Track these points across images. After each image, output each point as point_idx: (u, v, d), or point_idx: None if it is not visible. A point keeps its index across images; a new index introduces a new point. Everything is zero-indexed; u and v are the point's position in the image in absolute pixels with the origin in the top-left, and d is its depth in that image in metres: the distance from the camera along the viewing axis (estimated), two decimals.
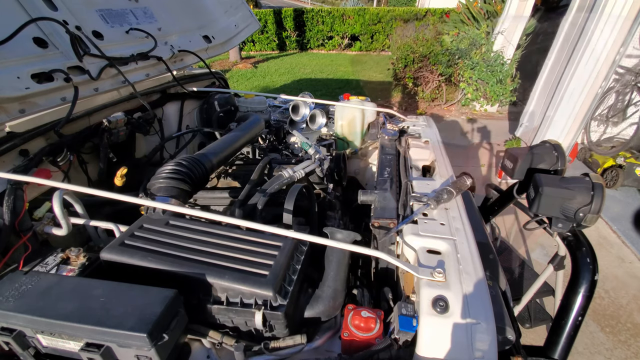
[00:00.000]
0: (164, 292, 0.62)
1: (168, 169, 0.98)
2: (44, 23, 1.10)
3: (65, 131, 1.13)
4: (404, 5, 14.72)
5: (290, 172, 1.16)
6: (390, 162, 1.26)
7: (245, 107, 1.91)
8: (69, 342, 0.59)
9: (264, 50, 10.45)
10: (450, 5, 8.08)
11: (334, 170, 1.43)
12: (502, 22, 5.28)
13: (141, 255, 0.73)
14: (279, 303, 0.69)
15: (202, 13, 1.84)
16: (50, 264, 0.82)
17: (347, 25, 10.08)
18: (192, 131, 1.65)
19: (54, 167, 1.10)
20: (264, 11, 10.42)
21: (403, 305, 0.71)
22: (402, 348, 0.68)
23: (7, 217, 0.83)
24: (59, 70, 1.10)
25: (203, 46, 1.77)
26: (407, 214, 0.92)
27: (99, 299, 0.61)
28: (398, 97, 6.46)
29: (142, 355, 0.58)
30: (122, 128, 1.31)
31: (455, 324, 0.64)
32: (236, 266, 0.72)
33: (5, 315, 0.60)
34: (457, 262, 0.75)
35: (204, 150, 1.18)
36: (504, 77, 5.05)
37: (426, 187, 1.05)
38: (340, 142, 1.79)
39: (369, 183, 1.85)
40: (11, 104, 0.99)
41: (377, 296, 0.96)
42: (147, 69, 1.48)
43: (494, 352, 0.62)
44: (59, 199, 0.84)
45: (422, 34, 5.87)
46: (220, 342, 0.70)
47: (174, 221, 0.85)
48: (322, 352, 0.74)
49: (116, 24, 1.39)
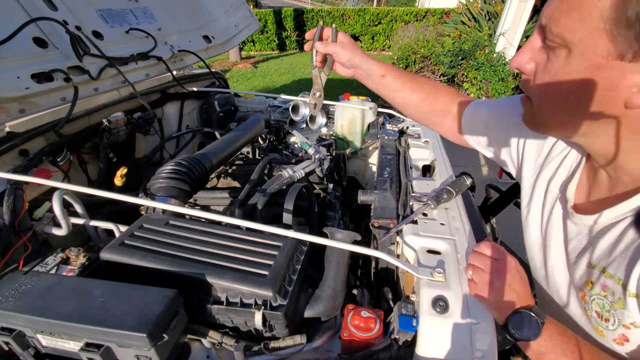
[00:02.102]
0: (164, 292, 0.62)
1: (168, 169, 0.98)
2: (44, 23, 1.10)
3: (65, 131, 1.13)
4: (403, 5, 14.71)
5: (290, 172, 1.16)
6: (390, 162, 1.26)
7: (245, 107, 1.91)
8: (68, 342, 0.59)
9: (264, 50, 10.45)
10: (451, 5, 8.09)
11: (334, 170, 1.43)
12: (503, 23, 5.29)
13: (141, 255, 0.73)
14: (279, 303, 0.69)
15: (202, 13, 1.84)
16: (50, 264, 0.82)
17: (348, 26, 10.08)
18: (192, 131, 1.65)
19: (54, 167, 1.10)
20: (264, 11, 10.42)
21: (403, 305, 0.71)
22: (402, 348, 0.68)
23: (7, 217, 0.83)
24: (59, 70, 1.10)
25: (203, 46, 1.77)
26: (407, 213, 0.92)
27: (98, 299, 0.61)
28: None
29: (142, 355, 0.58)
30: (122, 128, 1.31)
31: (455, 324, 0.64)
32: (236, 266, 0.72)
33: (5, 315, 0.59)
34: (457, 262, 0.75)
35: (204, 150, 1.18)
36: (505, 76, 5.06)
37: (426, 187, 1.05)
38: (340, 142, 1.79)
39: (369, 183, 1.85)
40: (11, 104, 0.99)
41: (377, 296, 0.96)
42: (147, 69, 1.48)
43: (494, 352, 0.62)
44: (59, 199, 0.84)
45: (423, 34, 5.88)
46: (220, 342, 0.70)
47: (173, 221, 0.85)
48: (322, 352, 0.74)
49: (116, 24, 1.39)
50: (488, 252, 0.67)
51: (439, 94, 0.94)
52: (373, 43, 10.30)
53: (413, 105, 0.94)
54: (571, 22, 0.50)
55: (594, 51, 0.49)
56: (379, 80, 0.91)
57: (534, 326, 0.59)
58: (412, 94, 0.93)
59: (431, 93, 0.93)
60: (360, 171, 1.88)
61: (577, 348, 0.58)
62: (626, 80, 0.48)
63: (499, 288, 0.63)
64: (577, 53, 0.50)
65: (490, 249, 0.67)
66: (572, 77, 0.52)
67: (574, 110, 0.55)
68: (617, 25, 0.46)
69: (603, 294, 0.60)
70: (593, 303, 0.63)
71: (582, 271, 0.65)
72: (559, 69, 0.53)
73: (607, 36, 0.47)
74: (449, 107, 0.94)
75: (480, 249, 0.68)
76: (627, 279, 0.55)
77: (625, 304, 0.56)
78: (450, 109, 0.94)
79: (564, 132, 0.62)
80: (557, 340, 0.59)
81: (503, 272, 0.64)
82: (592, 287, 0.62)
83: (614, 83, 0.49)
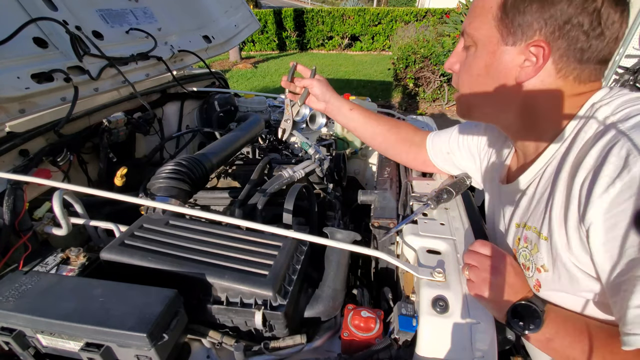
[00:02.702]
0: (164, 292, 0.62)
1: (168, 169, 0.98)
2: (44, 23, 1.10)
3: (65, 131, 1.13)
4: (403, 5, 14.71)
5: (290, 172, 1.16)
6: (390, 162, 1.26)
7: (245, 107, 1.91)
8: (69, 342, 0.59)
9: (264, 50, 10.45)
10: (451, 5, 8.08)
11: (334, 170, 1.43)
12: None
13: (141, 255, 0.73)
14: (279, 303, 0.69)
15: (202, 13, 1.84)
16: (50, 264, 0.82)
17: (347, 26, 10.08)
18: (192, 131, 1.65)
19: (54, 167, 1.10)
20: (264, 11, 10.42)
21: (403, 305, 0.71)
22: (402, 348, 0.68)
23: (7, 217, 0.83)
24: (59, 70, 1.10)
25: (203, 46, 1.77)
26: (407, 213, 0.92)
27: (98, 299, 0.61)
28: (398, 98, 6.46)
29: (142, 355, 0.58)
30: (122, 128, 1.31)
31: (455, 324, 0.64)
32: (236, 266, 0.72)
33: (5, 315, 0.59)
34: (457, 262, 0.75)
35: (204, 150, 1.18)
36: None
37: (426, 187, 1.06)
38: (340, 142, 1.79)
39: (369, 183, 1.85)
40: (11, 104, 0.99)
41: (377, 296, 0.96)
42: (147, 69, 1.48)
43: (494, 352, 0.62)
44: (59, 199, 0.84)
45: (423, 34, 5.87)
46: (220, 342, 0.70)
47: (173, 221, 0.85)
48: (322, 352, 0.74)
49: (116, 24, 1.39)
50: (483, 250, 0.68)
51: (401, 126, 1.09)
52: (373, 43, 10.30)
53: (381, 135, 1.07)
54: (476, 23, 0.66)
55: (490, 42, 0.64)
56: (348, 114, 1.04)
57: (535, 316, 0.60)
58: (377, 125, 1.06)
59: (394, 125, 1.08)
60: (360, 171, 1.88)
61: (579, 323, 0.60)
62: (513, 60, 0.62)
63: (496, 285, 0.64)
64: (481, 46, 0.66)
65: (485, 247, 0.69)
66: (479, 65, 0.67)
67: (485, 91, 0.68)
68: (501, 18, 0.61)
69: (525, 245, 0.70)
70: (520, 256, 0.71)
71: (513, 232, 0.75)
72: (472, 62, 0.69)
73: (496, 28, 0.62)
74: (411, 137, 1.07)
75: (475, 247, 0.70)
76: (540, 226, 0.65)
77: (538, 248, 0.65)
78: (414, 140, 1.07)
79: (483, 113, 0.76)
80: (559, 323, 0.61)
81: (499, 269, 0.65)
82: (519, 242, 0.72)
83: (506, 65, 0.63)
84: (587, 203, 0.53)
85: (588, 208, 0.52)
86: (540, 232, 0.65)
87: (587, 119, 0.59)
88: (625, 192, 0.48)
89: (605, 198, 0.50)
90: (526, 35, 0.60)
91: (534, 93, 0.63)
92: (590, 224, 0.52)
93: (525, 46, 0.60)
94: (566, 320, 0.62)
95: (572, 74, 0.60)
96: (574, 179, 0.56)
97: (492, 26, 0.63)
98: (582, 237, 0.55)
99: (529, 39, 0.60)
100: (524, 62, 0.61)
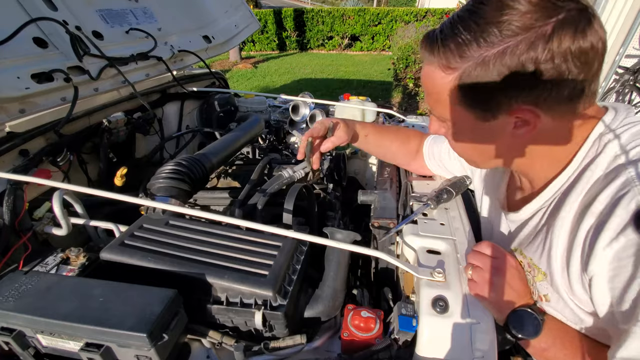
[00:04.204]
0: (164, 292, 0.62)
1: (168, 169, 0.98)
2: (44, 23, 1.10)
3: (65, 131, 1.13)
4: (403, 5, 14.71)
5: (290, 172, 1.16)
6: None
7: (245, 107, 1.91)
8: (68, 342, 0.59)
9: (264, 50, 10.45)
10: (450, 5, 8.08)
11: (334, 170, 1.43)
12: None
13: (141, 255, 0.73)
14: (279, 303, 0.69)
15: (202, 13, 1.84)
16: (50, 264, 0.82)
17: (347, 26, 10.07)
18: (192, 131, 1.65)
19: (54, 167, 1.10)
20: (264, 11, 10.42)
21: (403, 305, 0.71)
22: (402, 348, 0.68)
23: (7, 217, 0.83)
24: (59, 70, 1.10)
25: (203, 46, 1.77)
26: (407, 213, 0.92)
27: (98, 299, 0.61)
28: (398, 98, 6.45)
29: (142, 355, 0.58)
30: (122, 128, 1.31)
31: (455, 324, 0.64)
32: (236, 266, 0.72)
33: (5, 315, 0.60)
34: (457, 262, 0.75)
35: (204, 150, 1.18)
36: None
37: (426, 187, 1.05)
38: None
39: (369, 183, 1.85)
40: (11, 104, 0.99)
41: (377, 296, 0.96)
42: (147, 69, 1.48)
43: (494, 352, 0.62)
44: (59, 199, 0.84)
45: (423, 34, 5.87)
46: (220, 342, 0.70)
47: (173, 221, 0.85)
48: (322, 352, 0.74)
49: (116, 24, 1.39)
50: (487, 251, 0.68)
51: (410, 138, 1.11)
52: (373, 43, 10.29)
53: (391, 153, 1.13)
54: (439, 109, 0.63)
55: (465, 121, 0.61)
56: (363, 140, 1.08)
57: (534, 324, 0.60)
58: (390, 144, 1.10)
59: (405, 139, 1.11)
60: (360, 171, 1.88)
61: (576, 340, 0.61)
62: (503, 128, 0.58)
63: (498, 287, 0.64)
64: (458, 126, 0.64)
65: (490, 248, 0.68)
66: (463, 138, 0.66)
67: (481, 152, 0.66)
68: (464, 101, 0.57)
69: (528, 270, 0.69)
70: None
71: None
72: (455, 133, 0.66)
73: (465, 110, 0.58)
74: (417, 147, 1.10)
75: (480, 248, 0.69)
76: (538, 260, 0.65)
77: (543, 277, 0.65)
78: (418, 149, 1.10)
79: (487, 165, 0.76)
80: (557, 335, 0.61)
81: (502, 271, 0.65)
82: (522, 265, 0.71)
83: (495, 133, 0.60)
84: (590, 254, 0.52)
85: (591, 259, 0.52)
86: (538, 267, 0.65)
87: (596, 155, 0.57)
88: (629, 249, 0.48)
89: (608, 252, 0.50)
90: (505, 106, 0.54)
91: (535, 137, 0.59)
92: (593, 275, 0.53)
93: (509, 115, 0.55)
94: (564, 333, 0.62)
95: (569, 111, 0.56)
96: (580, 224, 0.55)
97: (460, 109, 0.58)
98: (584, 284, 0.56)
99: (510, 108, 0.54)
100: (514, 123, 0.56)
